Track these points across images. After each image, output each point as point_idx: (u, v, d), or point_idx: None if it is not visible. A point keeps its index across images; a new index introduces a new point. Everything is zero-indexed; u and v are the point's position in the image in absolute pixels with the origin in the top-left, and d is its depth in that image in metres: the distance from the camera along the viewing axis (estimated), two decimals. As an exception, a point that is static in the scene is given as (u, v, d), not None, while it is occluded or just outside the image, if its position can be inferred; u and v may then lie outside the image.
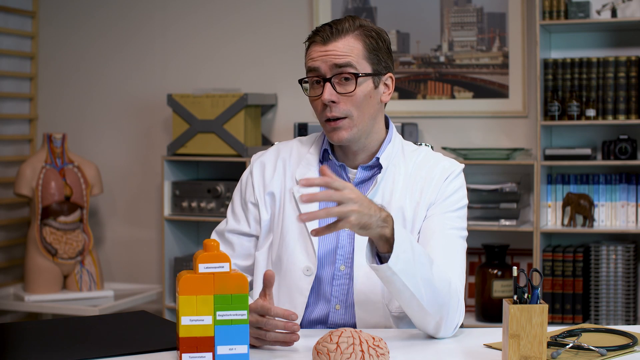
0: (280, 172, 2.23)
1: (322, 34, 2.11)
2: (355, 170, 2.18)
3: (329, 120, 2.11)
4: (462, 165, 2.21)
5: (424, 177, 2.17)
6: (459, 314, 2.03)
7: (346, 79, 2.09)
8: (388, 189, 2.15)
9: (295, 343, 1.90)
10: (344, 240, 2.14)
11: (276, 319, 1.88)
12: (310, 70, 2.12)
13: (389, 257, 1.88)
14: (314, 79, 2.12)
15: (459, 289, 2.04)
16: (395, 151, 2.19)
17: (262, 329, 1.88)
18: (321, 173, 1.85)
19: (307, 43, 2.16)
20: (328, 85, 2.09)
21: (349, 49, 2.09)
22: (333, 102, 2.09)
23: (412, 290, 1.92)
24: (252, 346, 1.91)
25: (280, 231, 2.18)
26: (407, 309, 1.99)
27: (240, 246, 2.23)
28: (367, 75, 2.11)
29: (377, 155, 2.17)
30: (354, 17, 2.15)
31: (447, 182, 2.16)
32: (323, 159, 2.22)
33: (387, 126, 2.23)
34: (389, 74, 2.17)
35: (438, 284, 1.97)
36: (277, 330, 1.88)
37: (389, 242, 1.88)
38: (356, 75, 2.09)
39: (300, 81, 2.17)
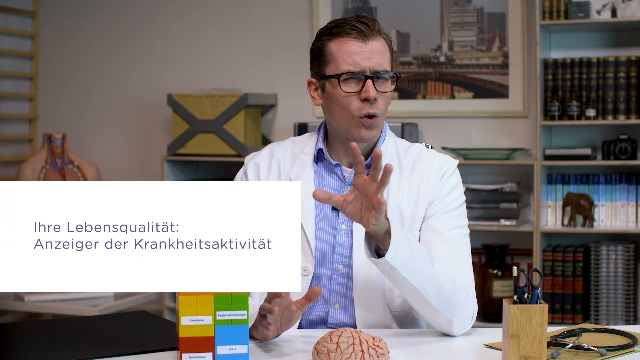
0: (275, 173, 2.22)
1: (360, 30, 2.10)
2: (350, 170, 2.18)
3: (367, 117, 2.11)
4: (457, 161, 2.22)
5: (420, 174, 2.17)
6: (469, 308, 2.03)
7: (385, 77, 2.12)
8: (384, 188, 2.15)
9: (295, 343, 1.91)
10: (341, 239, 2.14)
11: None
12: (349, 65, 2.09)
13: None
14: (348, 76, 2.10)
15: (466, 283, 2.04)
16: (389, 149, 2.20)
17: (269, 313, 1.86)
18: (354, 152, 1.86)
19: (331, 36, 2.13)
20: (370, 82, 2.09)
21: (384, 49, 2.12)
22: (375, 99, 2.10)
23: (415, 285, 1.93)
24: (253, 338, 1.91)
25: None
26: (415, 305, 2.00)
27: None
28: (395, 76, 2.15)
29: (371, 156, 2.16)
30: (374, 18, 2.17)
31: (444, 179, 2.17)
32: (317, 158, 2.21)
33: None
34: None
35: (442, 280, 1.98)
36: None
37: (389, 236, 1.89)
38: (397, 75, 2.13)
39: (334, 76, 2.11)
